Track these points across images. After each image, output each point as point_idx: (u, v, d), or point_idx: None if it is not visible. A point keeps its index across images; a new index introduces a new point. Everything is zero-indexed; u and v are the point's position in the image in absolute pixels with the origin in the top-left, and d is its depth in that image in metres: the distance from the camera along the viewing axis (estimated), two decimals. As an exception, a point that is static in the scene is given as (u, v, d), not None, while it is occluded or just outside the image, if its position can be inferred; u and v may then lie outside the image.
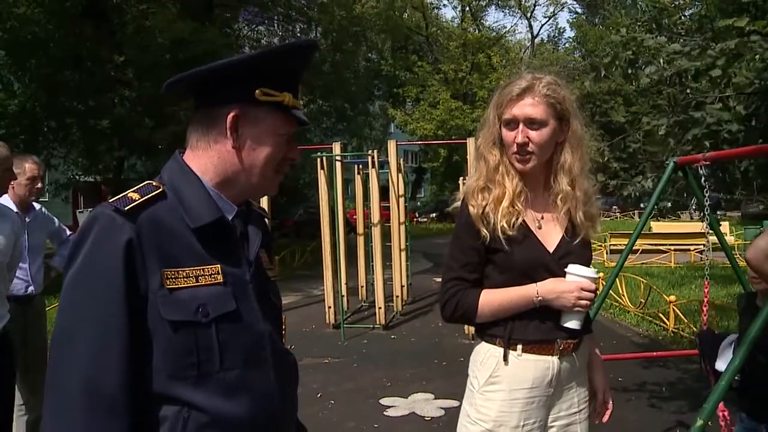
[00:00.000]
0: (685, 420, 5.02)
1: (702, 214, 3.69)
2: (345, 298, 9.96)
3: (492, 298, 2.09)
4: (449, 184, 39.80)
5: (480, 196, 2.12)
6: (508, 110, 2.09)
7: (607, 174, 6.25)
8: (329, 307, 9.64)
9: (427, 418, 5.52)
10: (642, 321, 9.47)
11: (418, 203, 43.45)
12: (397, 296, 10.48)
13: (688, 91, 5.31)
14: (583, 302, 2.05)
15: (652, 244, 17.56)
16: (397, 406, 5.83)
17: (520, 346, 2.08)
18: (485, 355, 2.14)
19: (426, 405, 5.84)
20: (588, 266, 2.13)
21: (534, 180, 2.16)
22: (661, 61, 5.11)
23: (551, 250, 2.11)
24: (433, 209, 41.82)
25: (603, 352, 2.42)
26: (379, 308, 9.46)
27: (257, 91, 1.42)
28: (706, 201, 3.50)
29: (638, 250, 17.50)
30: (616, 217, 38.60)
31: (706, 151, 4.01)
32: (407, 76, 36.61)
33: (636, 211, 39.59)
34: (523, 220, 2.10)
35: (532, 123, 2.06)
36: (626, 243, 15.32)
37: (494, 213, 2.08)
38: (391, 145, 10.20)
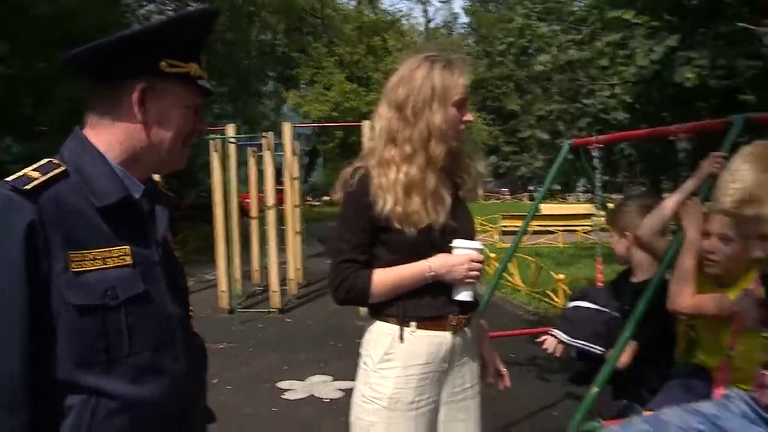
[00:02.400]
0: (576, 391, 5.24)
1: (593, 195, 3.85)
2: (239, 283, 9.80)
3: (384, 278, 2.09)
4: (344, 167, 39.80)
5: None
6: (458, 93, 2.11)
7: (500, 156, 6.42)
8: (222, 292, 9.47)
9: (325, 400, 5.53)
10: (532, 299, 9.84)
11: (311, 186, 43.25)
12: (292, 280, 10.42)
13: (578, 79, 5.55)
14: (474, 273, 2.10)
15: (541, 225, 18.25)
16: (295, 389, 5.81)
17: (414, 323, 2.10)
18: (379, 334, 2.15)
19: (324, 387, 5.85)
20: (473, 236, 2.20)
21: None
22: (554, 49, 5.31)
23: (439, 228, 2.12)
24: (327, 192, 41.75)
25: (495, 329, 2.49)
26: (274, 292, 9.37)
27: (162, 62, 1.36)
28: (599, 183, 3.65)
29: (528, 231, 18.14)
30: (507, 200, 39.89)
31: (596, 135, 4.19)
32: (302, 57, 36.24)
33: (525, 194, 41.12)
34: None
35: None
36: (517, 224, 15.83)
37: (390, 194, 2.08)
38: (286, 128, 10.08)
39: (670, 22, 5.04)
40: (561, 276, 9.15)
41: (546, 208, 21.53)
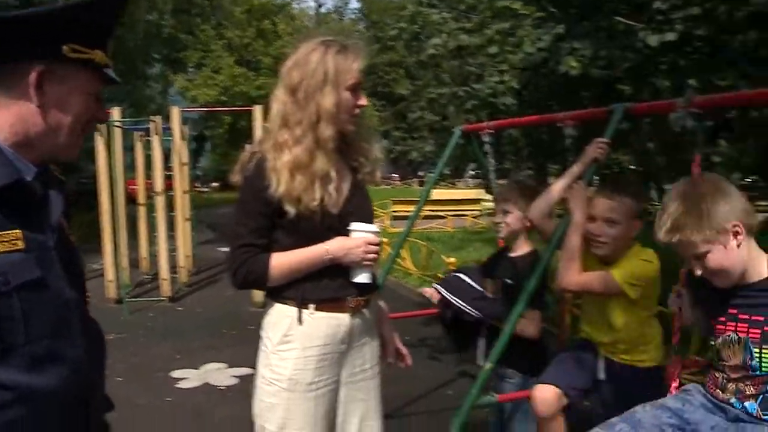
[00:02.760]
0: (467, 369, 5.41)
1: (482, 180, 3.99)
2: (126, 271, 9.47)
3: (282, 261, 2.11)
4: (233, 152, 39.05)
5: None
6: (352, 78, 2.12)
7: (391, 141, 6.51)
8: (110, 282, 9.12)
9: (221, 388, 5.46)
10: (424, 282, 10.03)
11: (199, 172, 42.13)
12: (182, 267, 10.16)
13: (469, 65, 5.70)
14: (371, 255, 2.14)
15: (431, 210, 18.59)
16: (189, 378, 5.70)
17: (312, 306, 2.13)
18: (278, 316, 2.16)
19: (219, 374, 5.77)
20: (372, 219, 2.25)
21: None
22: (445, 35, 5.42)
23: (336, 212, 2.14)
24: (216, 178, 40.88)
25: (388, 312, 2.54)
26: (164, 280, 9.12)
27: (65, 47, 1.30)
28: (490, 167, 3.77)
29: (418, 216, 18.43)
30: (397, 185, 40.38)
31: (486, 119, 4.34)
32: (189, 40, 35.14)
33: (415, 179, 41.77)
34: None
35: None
36: (407, 210, 16.03)
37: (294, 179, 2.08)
38: (175, 112, 9.78)
39: (555, 14, 5.26)
40: (452, 260, 9.37)
41: (436, 194, 21.94)
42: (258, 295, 8.42)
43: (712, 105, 2.64)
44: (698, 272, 2.04)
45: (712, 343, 2.22)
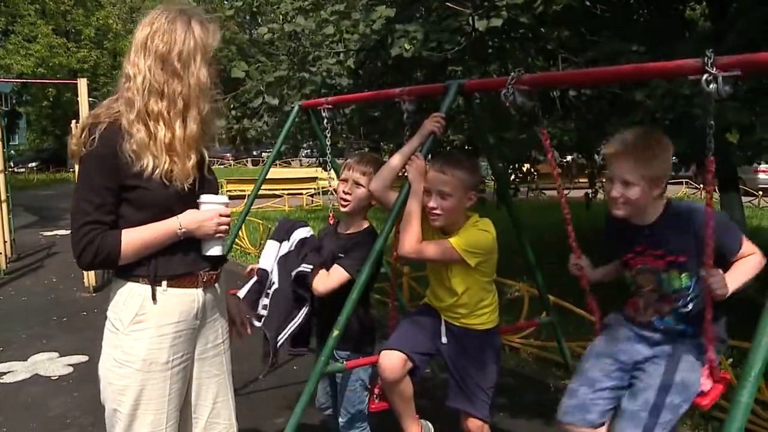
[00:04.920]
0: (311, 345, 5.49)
1: (319, 158, 4.06)
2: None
3: (134, 237, 2.03)
4: (56, 130, 36.35)
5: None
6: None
7: (229, 121, 6.46)
8: None
9: (54, 378, 5.19)
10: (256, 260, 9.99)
11: (13, 152, 38.84)
12: (0, 254, 9.45)
13: (305, 47, 5.75)
14: (223, 227, 2.15)
15: (267, 189, 18.45)
16: (16, 371, 5.36)
17: (165, 282, 2.10)
18: (128, 295, 2.09)
19: (50, 365, 5.48)
20: (217, 193, 2.24)
21: None
22: (281, 16, 5.43)
23: (189, 183, 2.12)
24: (34, 158, 37.95)
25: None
26: (-19, 268, 8.46)
27: None
28: (328, 142, 3.84)
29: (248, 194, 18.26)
30: (230, 165, 39.55)
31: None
32: (-4, 5, 32.14)
33: (249, 159, 41.10)
34: None
35: None
36: (242, 189, 15.82)
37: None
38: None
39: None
40: (290, 237, 9.44)
41: (273, 173, 21.81)
42: (91, 279, 8.04)
43: (537, 83, 2.85)
44: (614, 194, 2.44)
45: (627, 274, 2.63)
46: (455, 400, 2.91)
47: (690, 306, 2.47)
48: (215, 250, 2.18)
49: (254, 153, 42.17)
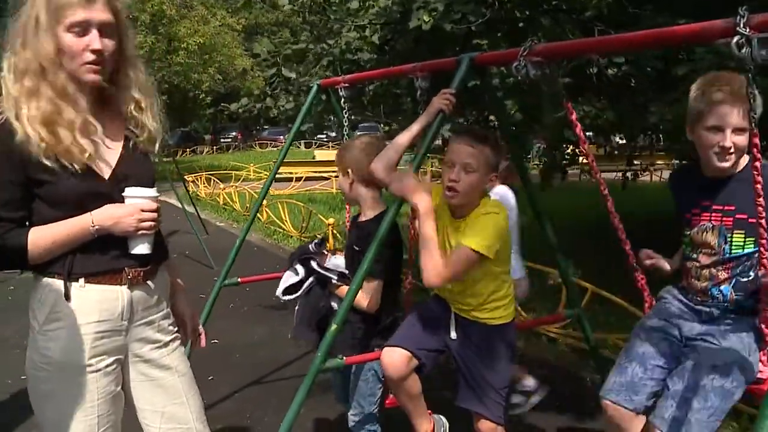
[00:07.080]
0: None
1: (338, 135, 3.90)
2: None
3: (44, 235, 1.86)
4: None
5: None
6: (73, 14, 1.82)
7: (252, 99, 6.31)
8: None
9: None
10: (303, 243, 9.88)
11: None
12: None
13: (329, 18, 5.53)
14: (146, 224, 1.92)
15: (315, 172, 18.45)
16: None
17: (82, 279, 1.90)
18: (44, 292, 1.91)
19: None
20: (152, 185, 2.02)
21: (91, 95, 1.93)
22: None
23: (107, 176, 1.93)
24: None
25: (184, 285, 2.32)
26: None
27: None
28: (345, 121, 3.67)
29: (302, 177, 18.31)
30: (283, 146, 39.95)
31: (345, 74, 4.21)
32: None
33: (301, 141, 41.34)
34: None
35: (107, 29, 1.86)
36: (290, 171, 15.72)
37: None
38: None
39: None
40: (331, 220, 9.29)
41: (320, 155, 21.80)
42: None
43: (551, 53, 2.60)
44: (727, 144, 2.22)
45: (687, 233, 2.45)
46: (465, 400, 2.66)
47: (752, 274, 2.27)
48: (141, 248, 1.95)
49: (264, 134, 42.70)
